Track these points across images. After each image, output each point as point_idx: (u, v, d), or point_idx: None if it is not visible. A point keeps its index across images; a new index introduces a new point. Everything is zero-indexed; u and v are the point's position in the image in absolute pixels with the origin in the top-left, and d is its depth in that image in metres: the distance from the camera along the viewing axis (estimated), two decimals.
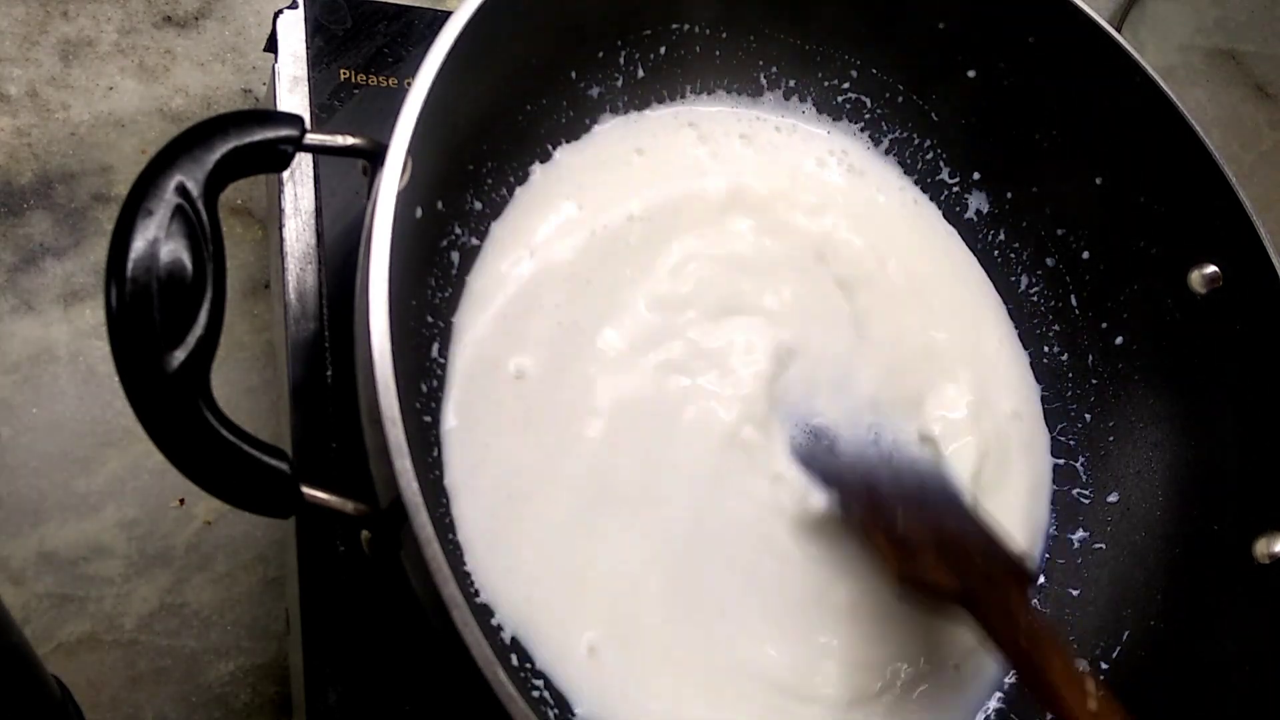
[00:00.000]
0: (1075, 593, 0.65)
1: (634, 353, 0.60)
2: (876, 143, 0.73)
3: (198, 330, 0.41)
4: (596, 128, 0.66)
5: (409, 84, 0.46)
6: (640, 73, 0.66)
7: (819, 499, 0.59)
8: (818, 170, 0.71)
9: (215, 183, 0.43)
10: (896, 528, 0.58)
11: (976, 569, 0.56)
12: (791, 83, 0.71)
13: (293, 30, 0.66)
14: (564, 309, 0.60)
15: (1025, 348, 0.72)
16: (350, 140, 0.49)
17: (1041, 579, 0.66)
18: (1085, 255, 0.70)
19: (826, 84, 0.71)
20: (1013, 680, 0.62)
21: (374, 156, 0.49)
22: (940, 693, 0.61)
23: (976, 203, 0.73)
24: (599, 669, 0.54)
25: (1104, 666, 0.63)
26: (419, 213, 0.51)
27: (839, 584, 0.59)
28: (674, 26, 0.66)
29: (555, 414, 0.57)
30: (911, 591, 0.57)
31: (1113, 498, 0.67)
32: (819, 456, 0.61)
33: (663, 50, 0.66)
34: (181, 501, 0.65)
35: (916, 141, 0.73)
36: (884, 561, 0.57)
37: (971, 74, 0.70)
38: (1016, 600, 0.54)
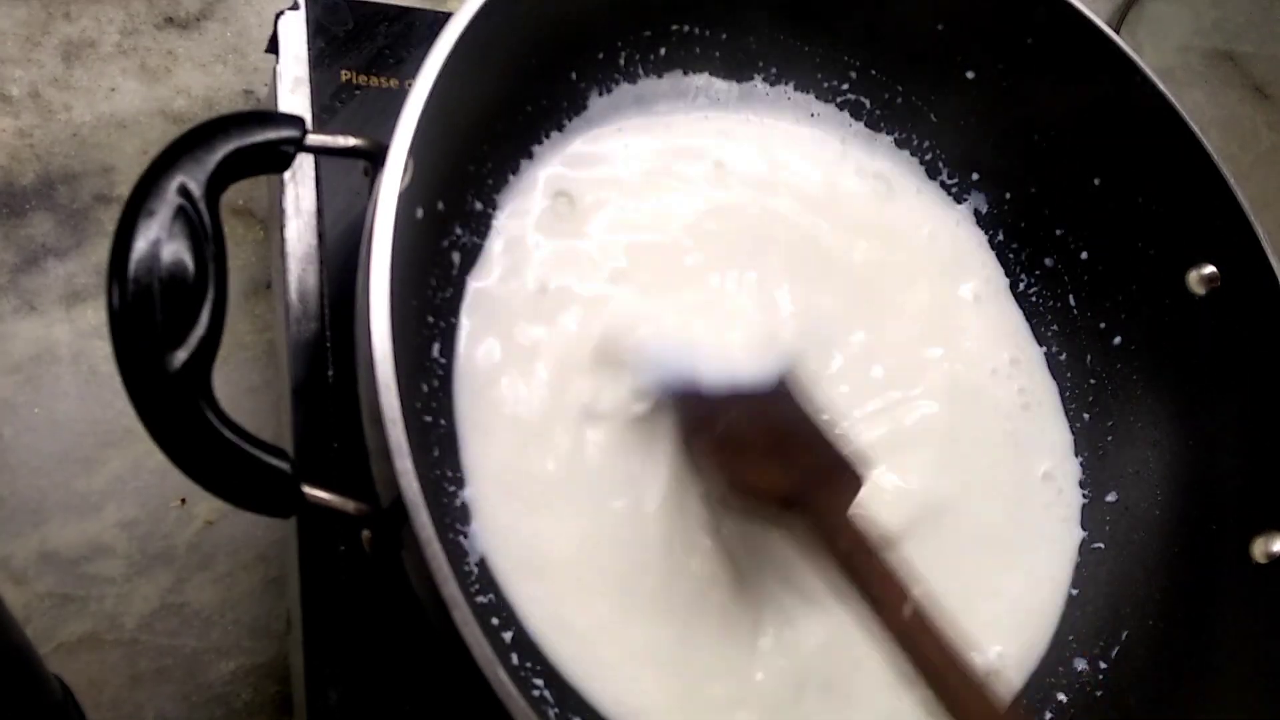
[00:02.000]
0: (1074, 592, 0.65)
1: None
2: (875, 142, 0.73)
3: (199, 330, 0.41)
4: (597, 128, 0.66)
5: (410, 85, 0.46)
6: (640, 73, 0.67)
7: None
8: (816, 171, 0.71)
9: (217, 183, 0.44)
10: (716, 429, 0.55)
11: (804, 469, 0.53)
12: (791, 83, 0.71)
13: (294, 31, 0.66)
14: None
15: (1025, 347, 0.71)
16: (351, 141, 0.49)
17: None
18: (1084, 255, 0.70)
19: (826, 85, 0.71)
20: None
21: (375, 157, 0.49)
22: None
23: (975, 203, 0.73)
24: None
25: (1103, 666, 0.63)
26: (420, 213, 0.51)
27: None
28: (673, 27, 0.66)
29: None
30: (739, 499, 0.54)
31: (1111, 497, 0.67)
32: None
33: (662, 51, 0.66)
34: (183, 501, 0.65)
35: (915, 142, 0.73)
36: (710, 472, 0.55)
37: (970, 75, 0.70)
38: (843, 504, 0.52)
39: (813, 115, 0.72)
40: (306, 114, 0.64)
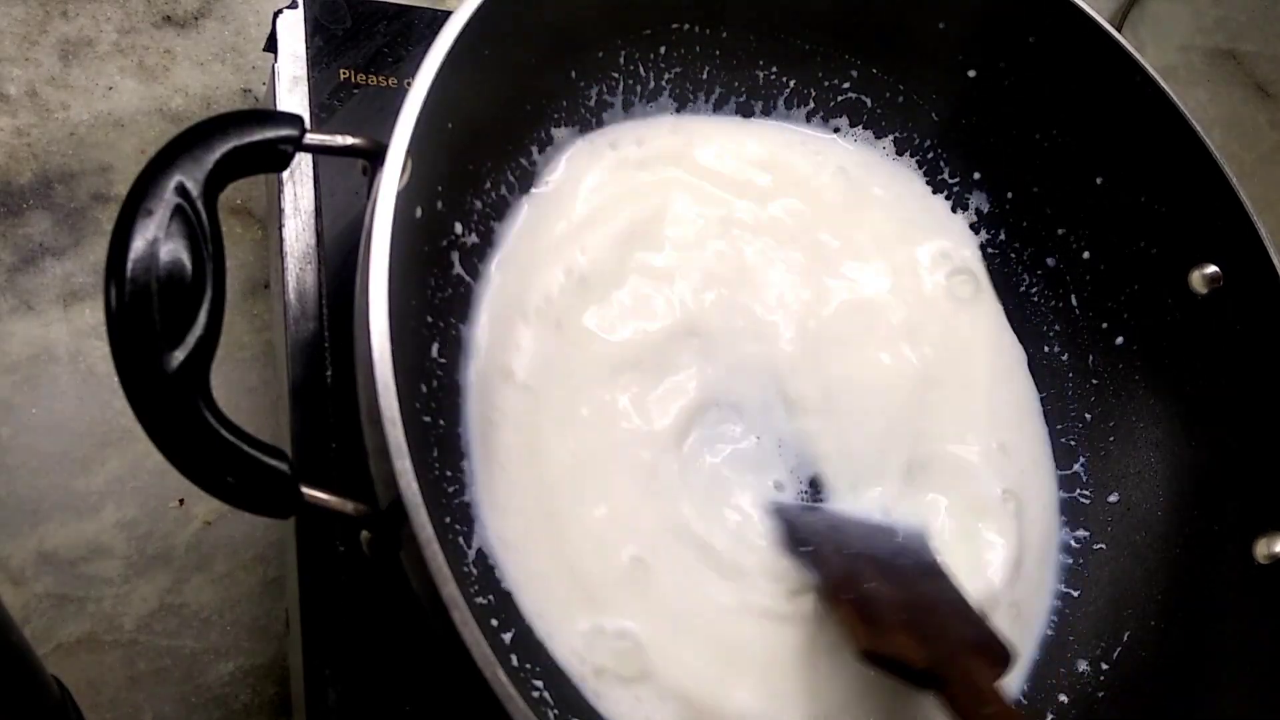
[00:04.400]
0: (1076, 593, 0.65)
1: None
2: (877, 141, 0.73)
3: (197, 330, 0.41)
4: (596, 127, 0.66)
5: (409, 84, 0.46)
6: (640, 72, 0.66)
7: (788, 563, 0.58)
8: (817, 170, 0.70)
9: (215, 183, 0.43)
10: (866, 595, 0.55)
11: (946, 644, 0.53)
12: (791, 82, 0.71)
13: (292, 30, 0.66)
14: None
15: (1025, 348, 0.71)
16: (350, 140, 0.49)
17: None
18: (1086, 255, 0.70)
19: (827, 84, 0.71)
20: None
21: (374, 156, 0.49)
22: None
23: (977, 202, 0.73)
24: None
25: (1104, 667, 0.62)
26: (419, 212, 0.51)
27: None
28: (673, 26, 0.66)
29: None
30: (874, 666, 0.54)
31: (1113, 498, 0.67)
32: (794, 514, 0.60)
33: (662, 50, 0.66)
34: (181, 502, 0.65)
35: (917, 141, 0.73)
36: (849, 632, 0.55)
37: (972, 74, 0.69)
38: (985, 681, 0.52)
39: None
40: (305, 113, 0.64)
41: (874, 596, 0.55)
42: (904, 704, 0.57)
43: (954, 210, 0.73)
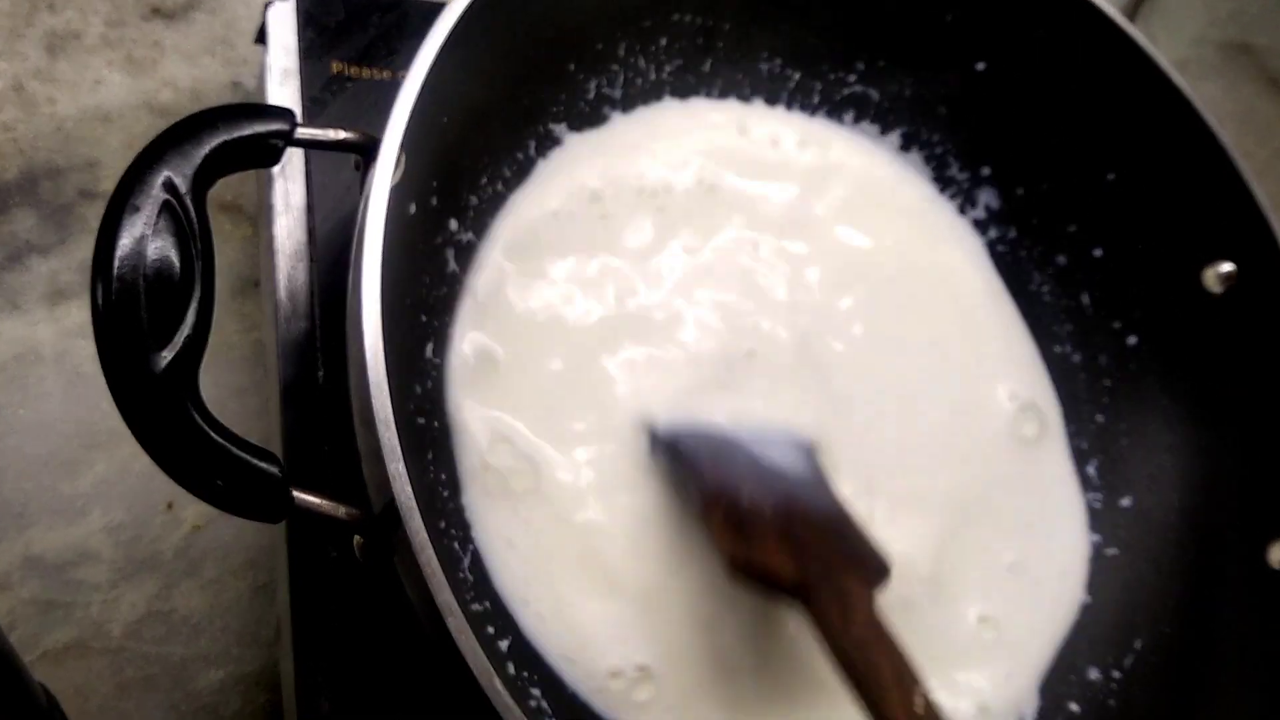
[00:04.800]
0: (1088, 599, 0.65)
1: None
2: (884, 136, 0.72)
3: (185, 330, 0.41)
4: (596, 122, 0.65)
5: (403, 77, 0.46)
6: (641, 64, 0.66)
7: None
8: (823, 165, 0.70)
9: (204, 178, 0.44)
10: (737, 506, 0.54)
11: (818, 557, 0.52)
12: (796, 75, 0.70)
13: (283, 22, 0.66)
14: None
15: (1035, 347, 0.71)
16: (342, 134, 0.49)
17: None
18: (1097, 253, 0.69)
19: (832, 77, 0.71)
20: None
21: (367, 151, 0.49)
22: None
23: (986, 199, 0.72)
24: None
25: (1115, 674, 0.62)
26: (413, 209, 0.51)
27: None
28: (674, 18, 0.65)
29: None
30: (744, 579, 0.53)
31: (1125, 502, 0.67)
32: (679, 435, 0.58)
33: (663, 42, 0.66)
34: (170, 505, 0.65)
35: (924, 136, 0.72)
36: (718, 543, 0.54)
37: (980, 67, 0.69)
38: (856, 596, 0.51)
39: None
40: (296, 107, 0.64)
41: (746, 507, 0.54)
42: (772, 623, 0.57)
43: (961, 210, 0.73)
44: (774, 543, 0.52)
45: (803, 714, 0.56)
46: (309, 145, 0.48)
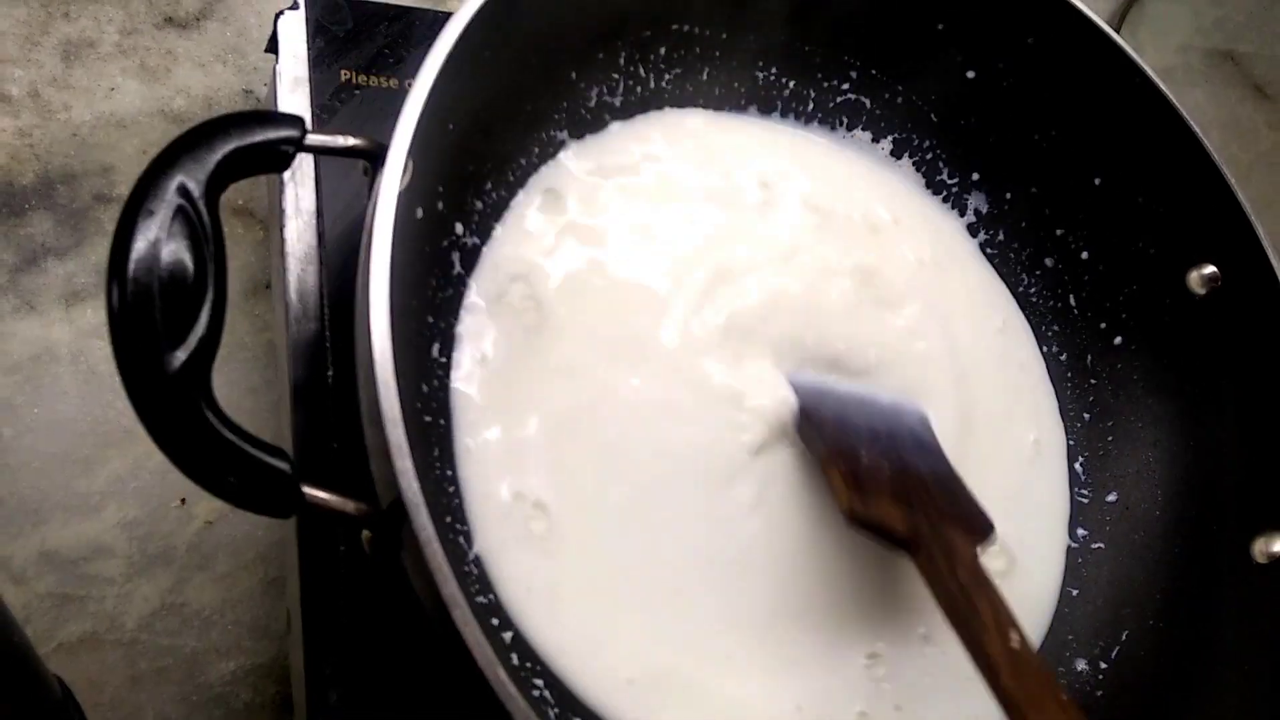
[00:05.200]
0: (1074, 592, 0.65)
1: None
2: (875, 143, 0.73)
3: (199, 330, 0.41)
4: (597, 129, 0.66)
5: (410, 85, 0.46)
6: (640, 73, 0.66)
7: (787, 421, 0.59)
8: (819, 169, 0.70)
9: (216, 183, 0.43)
10: (858, 463, 0.58)
11: (927, 514, 0.56)
12: (791, 83, 0.71)
13: (294, 31, 0.66)
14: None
15: None
16: (351, 141, 0.49)
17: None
18: (1084, 255, 0.70)
19: (826, 84, 0.71)
20: None
21: (375, 157, 0.49)
22: None
23: (975, 203, 0.73)
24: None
25: (1103, 666, 0.62)
26: (420, 213, 0.51)
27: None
28: (673, 27, 0.66)
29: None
30: (860, 529, 0.56)
31: (1112, 497, 0.67)
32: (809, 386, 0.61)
33: (663, 51, 0.66)
34: (183, 501, 0.65)
35: (916, 142, 0.73)
36: (839, 496, 0.57)
37: (971, 74, 0.70)
38: (961, 549, 0.54)
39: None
40: (306, 114, 0.64)
41: (865, 465, 0.58)
42: (886, 569, 0.59)
43: (952, 209, 0.73)
44: (889, 499, 0.56)
45: None
46: (318, 151, 0.48)
